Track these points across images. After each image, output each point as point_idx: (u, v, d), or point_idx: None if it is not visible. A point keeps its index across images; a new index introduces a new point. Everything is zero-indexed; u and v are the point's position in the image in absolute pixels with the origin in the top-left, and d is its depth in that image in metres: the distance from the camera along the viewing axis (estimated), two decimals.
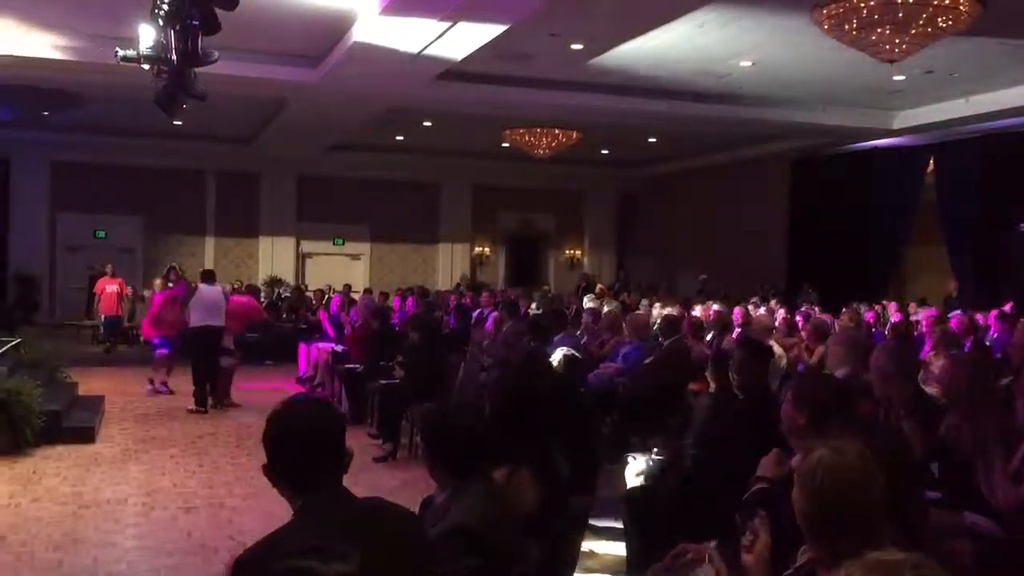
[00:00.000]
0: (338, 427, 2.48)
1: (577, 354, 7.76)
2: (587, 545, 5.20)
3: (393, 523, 2.45)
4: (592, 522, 5.62)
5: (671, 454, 4.79)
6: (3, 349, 9.98)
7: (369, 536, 2.23)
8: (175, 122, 14.49)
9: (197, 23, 7.85)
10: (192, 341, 10.93)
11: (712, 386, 5.14)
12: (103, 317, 16.99)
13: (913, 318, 11.69)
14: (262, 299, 15.42)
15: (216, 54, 8.03)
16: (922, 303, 14.63)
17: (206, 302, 10.92)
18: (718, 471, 4.13)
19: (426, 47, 10.55)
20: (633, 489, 4.62)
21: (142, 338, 13.83)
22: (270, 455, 2.42)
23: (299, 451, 2.38)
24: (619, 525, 4.76)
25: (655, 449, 5.00)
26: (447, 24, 9.67)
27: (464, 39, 10.26)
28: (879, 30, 9.16)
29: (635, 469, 4.82)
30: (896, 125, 15.20)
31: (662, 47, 11.24)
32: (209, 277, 11.32)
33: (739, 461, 3.75)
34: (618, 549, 4.99)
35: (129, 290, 17.38)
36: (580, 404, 5.06)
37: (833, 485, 2.31)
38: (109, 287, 16.77)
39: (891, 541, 2.43)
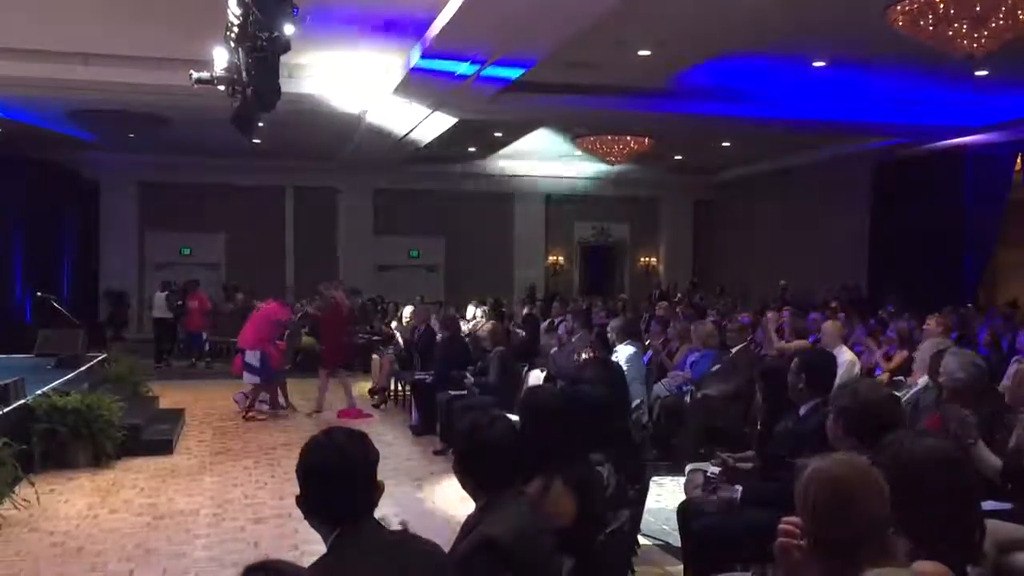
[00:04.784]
0: (373, 460, 2.48)
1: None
2: (643, 557, 5.14)
3: (419, 557, 2.45)
4: (649, 534, 5.59)
5: (730, 465, 4.67)
6: (88, 365, 10.35)
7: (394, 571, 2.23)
8: (254, 141, 14.89)
9: (265, 44, 8.09)
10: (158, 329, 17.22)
11: (760, 397, 5.01)
12: (186, 333, 17.04)
13: None
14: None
15: (278, 93, 8.23)
16: (1013, 306, 14.06)
17: (157, 304, 17.13)
18: (772, 484, 4.02)
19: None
20: (687, 501, 4.53)
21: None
22: (305, 488, 2.43)
23: (336, 485, 2.38)
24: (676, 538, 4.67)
25: (714, 460, 4.89)
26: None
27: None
28: (956, 25, 8.85)
29: (694, 480, 4.71)
30: (980, 122, 14.66)
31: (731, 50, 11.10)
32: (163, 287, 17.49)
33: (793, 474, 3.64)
34: (675, 562, 4.91)
35: (209, 304, 17.41)
36: (626, 416, 4.95)
37: (827, 499, 2.15)
38: (190, 303, 16.74)
39: (939, 555, 2.32)
